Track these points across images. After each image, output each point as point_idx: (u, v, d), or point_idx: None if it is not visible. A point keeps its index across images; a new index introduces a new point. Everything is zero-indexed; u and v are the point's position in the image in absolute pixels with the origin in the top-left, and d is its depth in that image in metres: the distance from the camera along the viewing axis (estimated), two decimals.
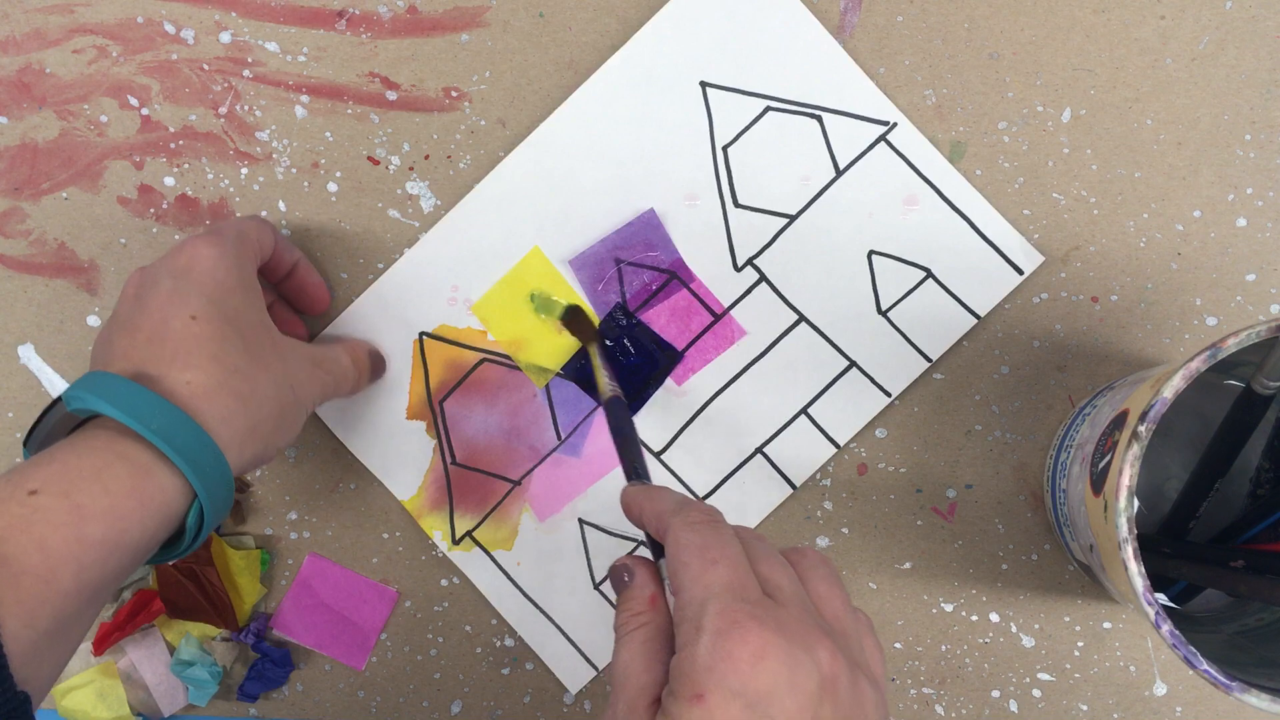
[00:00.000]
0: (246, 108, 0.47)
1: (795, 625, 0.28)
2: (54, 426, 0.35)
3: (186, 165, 0.47)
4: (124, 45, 0.47)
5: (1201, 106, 0.45)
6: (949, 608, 0.46)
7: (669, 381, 0.46)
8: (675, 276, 0.45)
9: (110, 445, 0.33)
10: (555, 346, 0.46)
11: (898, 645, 0.46)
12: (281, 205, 0.47)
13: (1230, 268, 0.45)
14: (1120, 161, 0.45)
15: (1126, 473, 0.33)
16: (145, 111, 0.47)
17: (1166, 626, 0.33)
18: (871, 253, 0.45)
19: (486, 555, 0.46)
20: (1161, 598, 0.44)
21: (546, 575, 0.46)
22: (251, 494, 0.47)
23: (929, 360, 0.45)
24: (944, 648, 0.46)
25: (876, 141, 0.45)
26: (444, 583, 0.47)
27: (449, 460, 0.46)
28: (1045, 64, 0.45)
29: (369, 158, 0.46)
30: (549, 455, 0.46)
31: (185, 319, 0.36)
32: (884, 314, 0.45)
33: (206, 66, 0.47)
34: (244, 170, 0.47)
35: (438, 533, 0.46)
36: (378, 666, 0.47)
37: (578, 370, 0.45)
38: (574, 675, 0.46)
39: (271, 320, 0.40)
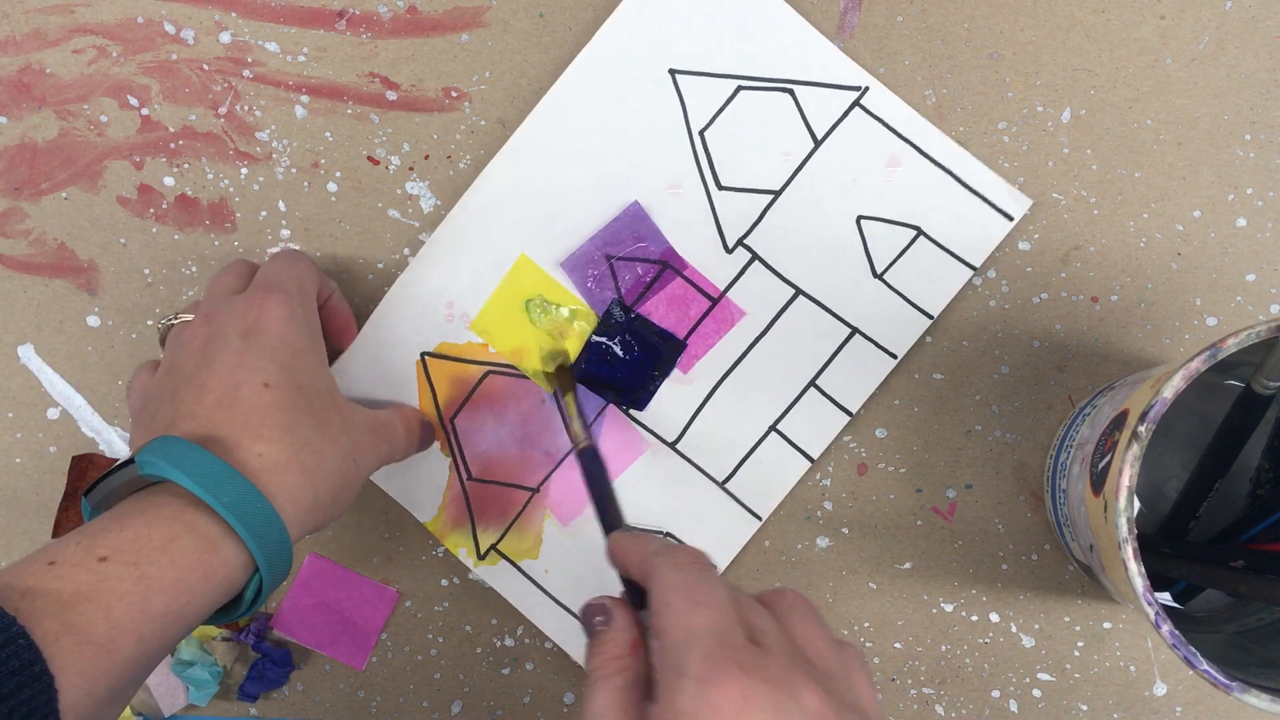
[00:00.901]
0: (246, 108, 0.47)
1: (780, 671, 0.27)
2: (120, 484, 0.34)
3: (186, 165, 0.47)
4: (124, 45, 0.47)
5: (1201, 106, 0.45)
6: (949, 608, 0.46)
7: (675, 371, 0.46)
8: (668, 266, 0.45)
9: (180, 515, 0.33)
10: (554, 354, 0.46)
11: (898, 645, 0.46)
12: (281, 205, 0.47)
13: (1230, 268, 0.45)
14: (1120, 161, 0.45)
15: (1126, 473, 0.33)
16: (145, 111, 0.47)
17: (1166, 626, 0.33)
18: (860, 218, 0.45)
19: (514, 567, 0.46)
20: (1162, 597, 0.44)
21: (576, 579, 0.46)
22: None
23: (930, 317, 0.45)
24: (944, 648, 0.46)
25: (851, 108, 0.45)
26: (444, 583, 0.47)
27: (465, 476, 0.46)
28: (1045, 64, 0.45)
29: (369, 158, 0.46)
30: (564, 458, 0.46)
31: (257, 386, 0.36)
32: (879, 277, 0.45)
33: (206, 66, 0.47)
34: (244, 170, 0.47)
35: (463, 550, 0.46)
36: (378, 666, 0.47)
37: (584, 371, 0.46)
38: None
39: (335, 383, 0.39)
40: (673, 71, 0.45)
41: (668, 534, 0.46)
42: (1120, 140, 0.45)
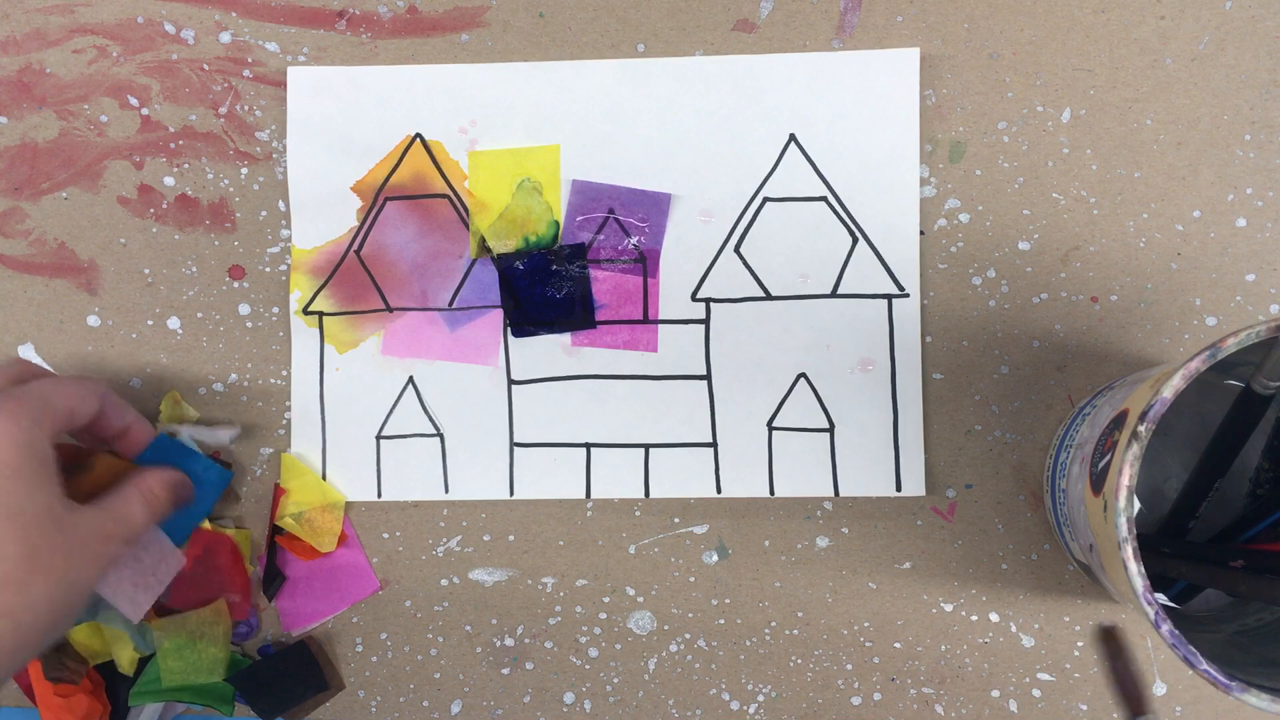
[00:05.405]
0: (246, 108, 0.47)
1: None
2: None
3: (186, 165, 0.47)
4: (124, 45, 0.47)
5: (1201, 106, 0.45)
6: (949, 608, 0.46)
7: (566, 337, 0.46)
8: (643, 262, 0.46)
9: None
10: (506, 233, 0.46)
11: (898, 645, 0.46)
12: (281, 205, 0.47)
13: (1230, 268, 0.45)
14: (1120, 161, 0.45)
15: (1126, 472, 0.33)
16: (145, 111, 0.47)
17: (1166, 626, 0.33)
18: (802, 375, 0.46)
19: (319, 343, 0.47)
20: (1161, 598, 0.44)
21: (348, 399, 0.47)
22: (255, 489, 0.47)
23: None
24: (944, 648, 0.46)
25: (878, 298, 0.45)
26: (444, 583, 0.47)
27: (355, 248, 0.47)
28: (1045, 64, 0.45)
29: None
30: (429, 310, 0.47)
31: None
32: (772, 425, 0.46)
33: (206, 66, 0.47)
34: (244, 170, 0.47)
35: (297, 292, 0.47)
36: (378, 666, 0.47)
37: (513, 269, 0.46)
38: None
39: (60, 492, 0.36)
40: (792, 136, 0.45)
41: None
42: (1120, 140, 0.45)
